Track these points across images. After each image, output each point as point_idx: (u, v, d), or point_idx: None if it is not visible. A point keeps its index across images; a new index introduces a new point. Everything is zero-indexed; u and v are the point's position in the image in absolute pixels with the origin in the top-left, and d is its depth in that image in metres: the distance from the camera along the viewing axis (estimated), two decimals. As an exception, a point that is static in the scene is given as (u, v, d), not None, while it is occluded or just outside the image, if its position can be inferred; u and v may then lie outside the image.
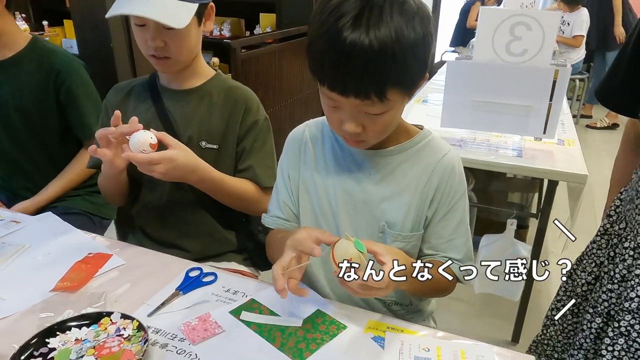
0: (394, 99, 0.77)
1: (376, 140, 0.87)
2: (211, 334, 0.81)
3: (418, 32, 0.74)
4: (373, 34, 0.70)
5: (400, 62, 0.73)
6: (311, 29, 0.78)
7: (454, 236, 0.95)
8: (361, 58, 0.71)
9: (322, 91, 0.80)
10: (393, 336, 0.82)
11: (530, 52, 1.63)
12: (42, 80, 1.39)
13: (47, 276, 0.95)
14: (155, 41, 1.05)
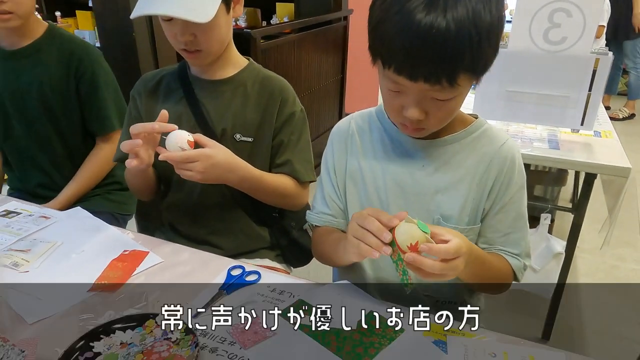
0: (463, 84, 0.72)
1: (436, 128, 0.83)
2: (262, 337, 0.77)
3: (494, 14, 0.70)
4: (450, 16, 0.66)
5: (476, 46, 0.68)
6: (376, 10, 0.73)
7: (512, 230, 0.91)
8: (436, 41, 0.66)
9: (386, 74, 0.74)
10: (454, 339, 0.77)
11: (569, 40, 1.56)
12: (62, 69, 1.33)
13: (84, 275, 0.91)
14: (184, 36, 1.01)
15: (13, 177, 1.48)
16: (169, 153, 0.91)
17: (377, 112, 0.96)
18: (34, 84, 1.32)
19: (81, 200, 1.38)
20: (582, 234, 1.72)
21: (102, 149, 1.43)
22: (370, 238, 0.71)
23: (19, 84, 1.33)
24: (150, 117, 1.16)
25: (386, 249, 0.69)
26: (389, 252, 0.69)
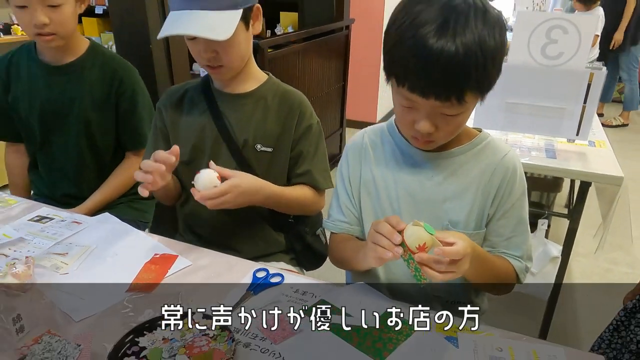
0: (470, 101, 0.81)
1: (444, 141, 0.91)
2: (290, 334, 0.84)
3: (497, 40, 0.78)
4: (459, 41, 0.74)
5: (482, 68, 0.77)
6: (392, 34, 0.82)
7: (514, 234, 0.99)
8: (447, 64, 0.75)
9: (400, 92, 0.83)
10: (465, 336, 0.85)
11: (566, 55, 1.65)
12: (104, 86, 1.40)
13: (120, 276, 0.98)
14: (207, 52, 1.08)
15: (41, 184, 1.54)
16: (206, 192, 0.99)
17: (388, 127, 1.04)
18: (76, 99, 1.39)
19: (106, 207, 1.44)
20: (577, 239, 1.81)
21: (133, 162, 1.49)
22: (383, 240, 0.78)
23: (61, 98, 1.39)
24: (174, 128, 1.24)
25: (397, 250, 0.77)
26: (400, 252, 0.77)
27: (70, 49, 1.38)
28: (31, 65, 1.40)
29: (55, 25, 1.27)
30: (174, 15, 1.06)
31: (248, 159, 1.20)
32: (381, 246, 0.79)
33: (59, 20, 1.27)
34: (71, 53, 1.39)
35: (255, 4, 1.13)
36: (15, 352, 0.77)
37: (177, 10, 1.05)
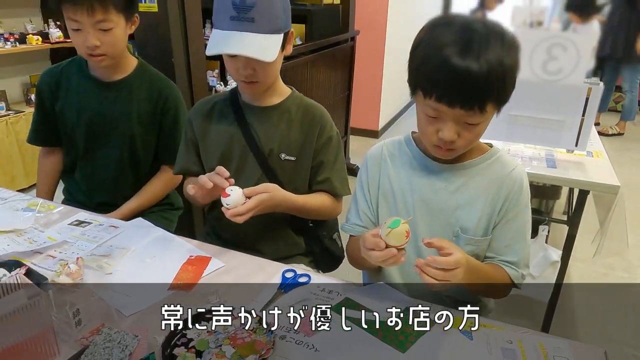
0: (490, 111, 0.92)
1: (463, 150, 1.00)
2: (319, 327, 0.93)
3: (513, 58, 0.90)
4: (483, 60, 0.85)
5: (502, 82, 0.88)
6: (420, 52, 0.93)
7: (513, 242, 1.08)
8: (472, 78, 0.86)
9: (427, 103, 0.93)
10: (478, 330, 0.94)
11: (565, 71, 1.76)
12: (150, 104, 1.49)
13: (160, 276, 1.07)
14: (246, 70, 1.17)
15: (77, 191, 1.61)
16: (237, 210, 1.08)
17: (405, 140, 1.13)
18: (123, 114, 1.47)
19: (139, 214, 1.49)
20: (575, 244, 1.90)
21: (169, 174, 1.56)
22: (374, 254, 0.89)
23: (109, 113, 1.47)
24: (204, 137, 1.33)
25: (390, 251, 0.88)
26: (394, 252, 0.88)
27: (120, 67, 1.47)
28: (82, 78, 1.49)
29: (105, 47, 1.35)
30: (222, 34, 1.13)
31: (273, 167, 1.29)
32: (373, 257, 0.90)
33: (109, 42, 1.35)
34: (121, 71, 1.48)
35: (290, 29, 1.22)
36: (76, 343, 0.87)
37: (226, 30, 1.13)
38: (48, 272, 1.05)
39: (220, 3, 1.13)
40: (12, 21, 3.41)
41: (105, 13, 1.31)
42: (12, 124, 3.18)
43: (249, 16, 1.10)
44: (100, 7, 1.29)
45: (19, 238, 1.19)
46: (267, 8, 1.11)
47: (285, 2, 1.17)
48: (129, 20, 1.40)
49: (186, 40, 1.88)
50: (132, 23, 1.41)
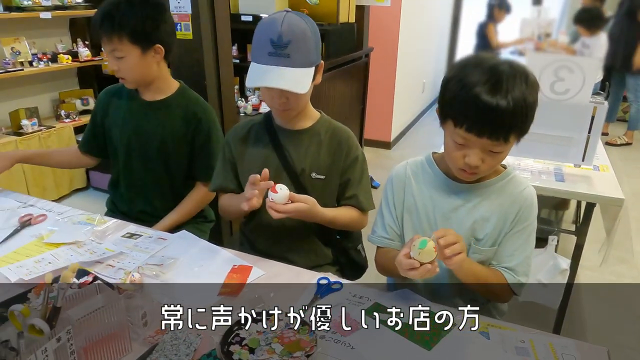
0: (512, 141, 1.06)
1: (486, 173, 1.14)
2: (355, 328, 1.06)
3: (534, 96, 1.05)
4: (510, 97, 0.99)
5: (525, 117, 1.03)
6: (451, 87, 1.06)
7: (517, 252, 1.21)
8: (499, 113, 0.99)
9: (457, 132, 1.06)
10: (494, 331, 1.06)
11: (572, 91, 1.89)
12: (184, 125, 1.64)
13: (209, 283, 1.20)
14: (280, 99, 1.30)
15: (120, 201, 1.78)
16: (279, 206, 1.21)
17: (426, 160, 1.26)
18: (158, 131, 1.63)
19: (178, 227, 1.65)
20: (584, 253, 2.01)
21: (202, 191, 1.72)
22: (412, 273, 1.03)
23: (146, 129, 1.64)
24: (241, 158, 1.46)
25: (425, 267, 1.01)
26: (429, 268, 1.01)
27: (163, 89, 1.64)
28: (130, 98, 1.67)
29: (123, 72, 1.55)
30: (261, 69, 1.24)
31: (304, 185, 1.42)
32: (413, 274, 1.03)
33: (124, 68, 1.54)
34: (163, 92, 1.65)
35: (321, 61, 1.35)
36: (145, 341, 1.00)
37: (264, 65, 1.25)
38: (110, 279, 1.19)
39: (259, 40, 1.26)
40: (44, 41, 3.60)
41: (118, 43, 1.48)
42: (44, 138, 3.35)
43: (285, 52, 1.22)
44: (115, 38, 1.47)
45: (80, 249, 1.33)
46: (301, 45, 1.24)
47: (317, 38, 1.29)
48: (146, 51, 1.53)
49: (217, 64, 2.03)
50: (154, 52, 1.55)
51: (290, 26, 1.22)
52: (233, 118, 2.19)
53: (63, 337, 0.85)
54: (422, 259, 1.01)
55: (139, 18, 1.47)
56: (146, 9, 1.49)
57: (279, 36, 1.21)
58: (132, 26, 1.47)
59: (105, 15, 1.46)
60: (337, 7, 3.21)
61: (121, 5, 1.47)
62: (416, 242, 1.02)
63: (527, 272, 1.22)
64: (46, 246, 1.34)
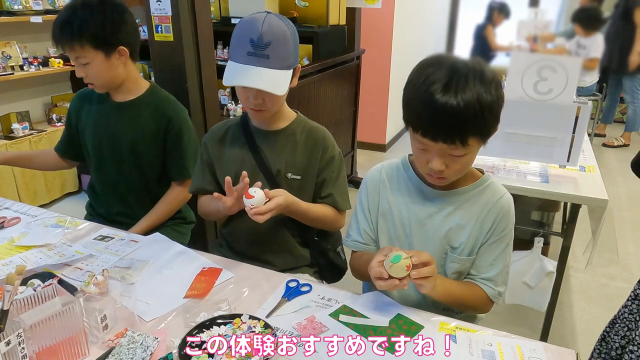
0: (473, 144, 1.01)
1: (455, 178, 1.10)
2: (319, 331, 1.04)
3: (493, 95, 0.99)
4: (460, 97, 0.95)
5: (480, 117, 0.97)
6: (408, 91, 1.04)
7: (496, 262, 1.18)
8: (450, 114, 0.95)
9: (415, 137, 1.04)
10: (462, 334, 1.04)
11: (555, 91, 1.86)
12: (155, 124, 1.63)
13: (176, 286, 1.19)
14: (256, 99, 1.28)
15: (97, 204, 1.77)
16: (259, 208, 1.20)
17: (402, 163, 1.24)
18: (129, 132, 1.62)
19: (154, 229, 1.63)
20: (576, 255, 1.99)
21: (177, 191, 1.71)
22: (379, 282, 1.02)
23: (117, 130, 1.63)
24: (219, 160, 1.45)
25: (392, 282, 1.00)
26: (396, 283, 1.00)
27: (131, 89, 1.63)
28: (100, 100, 1.66)
29: (90, 78, 1.54)
30: (239, 67, 1.23)
31: (281, 185, 1.40)
32: (379, 283, 1.02)
33: (91, 74, 1.53)
34: (132, 93, 1.64)
35: (298, 65, 1.34)
36: (103, 345, 0.98)
37: (242, 64, 1.23)
38: (77, 282, 1.18)
39: (239, 39, 1.24)
40: (35, 45, 3.61)
41: (80, 50, 1.47)
42: (35, 142, 3.35)
43: (265, 53, 1.21)
44: (77, 45, 1.46)
45: (50, 252, 1.31)
46: (281, 47, 1.23)
47: (296, 42, 1.28)
48: (110, 54, 1.52)
49: (199, 66, 2.02)
50: (118, 54, 1.54)
51: (271, 27, 1.21)
52: (216, 120, 2.17)
53: (13, 341, 0.84)
54: (392, 273, 0.99)
55: (98, 22, 1.45)
56: (104, 12, 1.47)
57: (259, 36, 1.21)
58: (92, 31, 1.45)
59: (64, 23, 1.45)
60: (326, 10, 3.20)
61: (78, 11, 1.45)
62: (390, 254, 1.00)
63: (506, 281, 1.20)
64: (16, 249, 1.33)
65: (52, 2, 3.55)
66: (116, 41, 1.51)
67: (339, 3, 3.31)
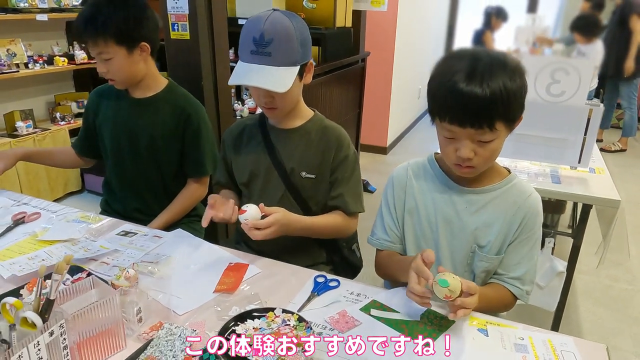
0: (500, 129, 1.03)
1: (483, 167, 1.11)
2: (352, 325, 1.05)
3: (517, 83, 1.02)
4: (485, 84, 0.98)
5: (506, 102, 0.99)
6: (432, 84, 1.07)
7: (524, 260, 1.19)
8: (477, 102, 0.98)
9: (442, 126, 1.06)
10: (493, 328, 1.05)
11: (567, 94, 1.89)
12: (173, 121, 1.63)
13: (205, 281, 1.19)
14: (266, 97, 1.30)
15: (113, 200, 1.77)
16: (255, 222, 1.21)
17: (429, 161, 1.25)
18: (147, 128, 1.62)
19: (171, 225, 1.64)
20: (580, 257, 2.01)
21: (194, 188, 1.72)
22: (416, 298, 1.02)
23: (136, 126, 1.63)
24: (235, 156, 1.47)
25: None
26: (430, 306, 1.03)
27: (151, 86, 1.64)
28: (119, 96, 1.66)
29: (112, 74, 1.54)
30: (244, 67, 1.26)
31: (295, 184, 1.41)
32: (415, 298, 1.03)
33: (113, 70, 1.53)
34: (152, 89, 1.64)
35: (310, 60, 1.33)
36: (139, 337, 0.98)
37: (247, 63, 1.25)
38: (105, 276, 1.18)
39: (243, 38, 1.26)
40: (40, 43, 3.60)
41: (104, 46, 1.47)
42: (38, 141, 3.33)
43: (267, 50, 1.22)
44: (100, 41, 1.47)
45: (75, 247, 1.31)
46: (284, 43, 1.22)
47: (303, 36, 1.26)
48: (132, 50, 1.52)
49: (214, 64, 2.02)
50: (140, 50, 1.54)
51: (273, 24, 1.21)
52: (230, 119, 2.18)
53: (56, 331, 0.84)
54: (437, 293, 0.98)
55: (122, 18, 1.46)
56: (128, 8, 1.48)
57: (260, 34, 1.21)
58: (116, 27, 1.46)
59: (88, 19, 1.45)
60: (333, 12, 3.22)
61: (102, 7, 1.46)
62: (437, 277, 0.99)
63: (533, 279, 1.20)
64: (40, 243, 1.33)
65: (57, 0, 3.53)
66: (139, 37, 1.51)
67: (346, 5, 3.33)
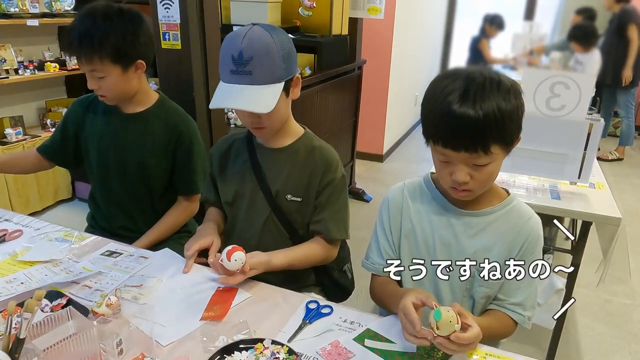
0: (496, 152, 0.98)
1: (480, 190, 1.07)
2: (345, 357, 0.99)
3: (513, 103, 0.97)
4: (478, 106, 0.93)
5: (500, 125, 0.95)
6: (426, 105, 1.02)
7: (524, 284, 1.13)
8: (470, 124, 0.94)
9: (436, 149, 1.01)
10: None
11: (567, 108, 1.85)
12: (165, 137, 1.57)
13: (192, 306, 1.13)
14: (251, 117, 1.24)
15: (99, 216, 1.70)
16: (237, 278, 1.19)
17: (425, 182, 1.20)
18: (137, 144, 1.56)
19: (159, 243, 1.58)
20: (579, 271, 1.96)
21: (184, 206, 1.66)
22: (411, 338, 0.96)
23: (124, 142, 1.57)
24: (221, 173, 1.42)
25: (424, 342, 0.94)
26: (427, 344, 0.94)
27: (141, 101, 1.57)
28: (106, 110, 1.59)
29: (103, 91, 1.47)
30: (225, 87, 1.19)
31: (280, 206, 1.35)
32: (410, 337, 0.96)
33: (105, 87, 1.46)
34: (141, 104, 1.57)
35: (296, 74, 1.26)
36: (119, 371, 0.93)
37: (227, 84, 1.19)
38: (86, 301, 1.12)
39: (223, 57, 1.19)
40: (31, 49, 3.53)
41: (99, 64, 1.40)
42: (28, 148, 3.26)
43: (247, 69, 1.15)
44: (96, 59, 1.39)
45: (56, 268, 1.25)
46: (264, 60, 1.15)
47: (285, 50, 1.19)
48: (128, 69, 1.46)
49: (206, 75, 1.97)
50: (135, 68, 1.48)
51: (251, 41, 1.14)
52: (222, 131, 2.13)
53: (27, 370, 0.78)
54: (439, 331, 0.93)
55: (119, 36, 1.39)
56: (124, 24, 1.41)
57: (239, 53, 1.14)
58: (113, 46, 1.39)
59: (83, 35, 1.37)
60: (330, 19, 3.17)
61: (98, 21, 1.38)
62: (431, 314, 0.93)
63: (535, 305, 1.16)
64: (19, 265, 1.27)
65: (48, 5, 3.48)
66: (135, 55, 1.45)
67: (342, 13, 3.29)
